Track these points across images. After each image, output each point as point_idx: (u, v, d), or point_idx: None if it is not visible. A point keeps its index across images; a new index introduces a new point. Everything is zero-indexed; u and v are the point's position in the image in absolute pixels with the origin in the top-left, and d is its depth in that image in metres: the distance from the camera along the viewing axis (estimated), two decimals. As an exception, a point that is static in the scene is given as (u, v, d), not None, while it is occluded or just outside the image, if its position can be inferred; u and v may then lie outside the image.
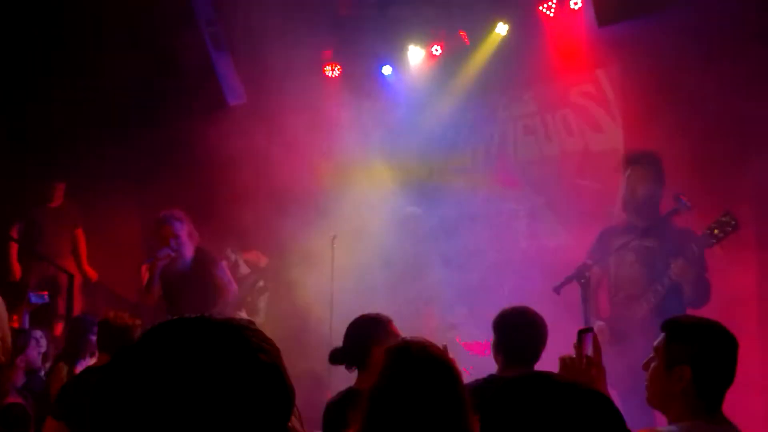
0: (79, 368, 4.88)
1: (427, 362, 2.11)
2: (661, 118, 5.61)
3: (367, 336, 3.16)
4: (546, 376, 1.40)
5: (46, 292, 6.81)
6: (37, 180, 7.55)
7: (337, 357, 3.28)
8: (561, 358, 2.54)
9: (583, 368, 2.46)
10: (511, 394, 1.37)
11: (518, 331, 3.06)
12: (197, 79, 6.70)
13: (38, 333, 5.95)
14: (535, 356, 3.05)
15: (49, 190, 7.59)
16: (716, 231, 3.96)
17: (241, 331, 1.06)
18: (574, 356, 2.48)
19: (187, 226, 5.52)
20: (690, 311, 4.19)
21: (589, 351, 2.46)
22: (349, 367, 3.26)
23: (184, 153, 7.09)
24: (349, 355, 3.23)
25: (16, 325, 6.73)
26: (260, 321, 6.92)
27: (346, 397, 3.07)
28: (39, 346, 4.99)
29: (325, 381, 5.55)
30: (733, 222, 3.94)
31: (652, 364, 2.40)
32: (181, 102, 7.14)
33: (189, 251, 5.48)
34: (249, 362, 1.03)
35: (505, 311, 3.17)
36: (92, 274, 7.67)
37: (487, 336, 5.66)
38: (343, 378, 3.58)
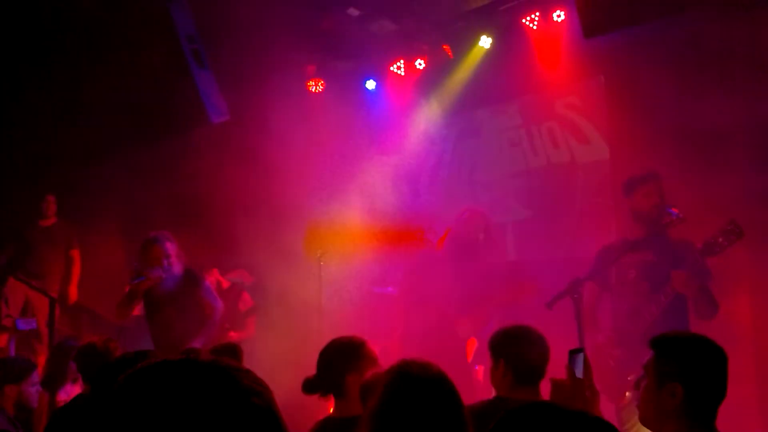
0: (61, 395, 4.77)
1: (428, 383, 2.06)
2: (646, 130, 5.61)
3: (341, 362, 3.02)
4: (552, 405, 1.34)
5: (34, 318, 6.67)
6: (27, 195, 7.40)
7: (310, 386, 3.10)
8: (552, 380, 2.48)
9: (575, 390, 2.41)
10: (518, 425, 1.31)
11: (524, 351, 2.93)
12: (179, 97, 6.64)
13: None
14: (542, 375, 2.95)
15: (40, 205, 7.43)
16: (721, 239, 3.94)
17: (230, 373, 0.99)
18: (566, 378, 2.42)
19: (176, 247, 5.46)
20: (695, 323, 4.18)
21: (581, 372, 2.41)
22: (324, 395, 3.09)
23: (168, 172, 7.02)
24: (324, 382, 3.07)
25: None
26: (249, 339, 6.83)
27: (324, 428, 2.95)
28: (37, 380, 4.79)
29: (313, 404, 5.46)
30: (738, 230, 3.93)
31: (643, 383, 2.36)
32: (163, 120, 7.07)
33: (178, 271, 5.42)
34: (242, 407, 0.96)
35: (507, 331, 3.04)
36: (74, 296, 7.51)
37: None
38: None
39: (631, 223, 4.58)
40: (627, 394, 4.19)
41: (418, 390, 2.04)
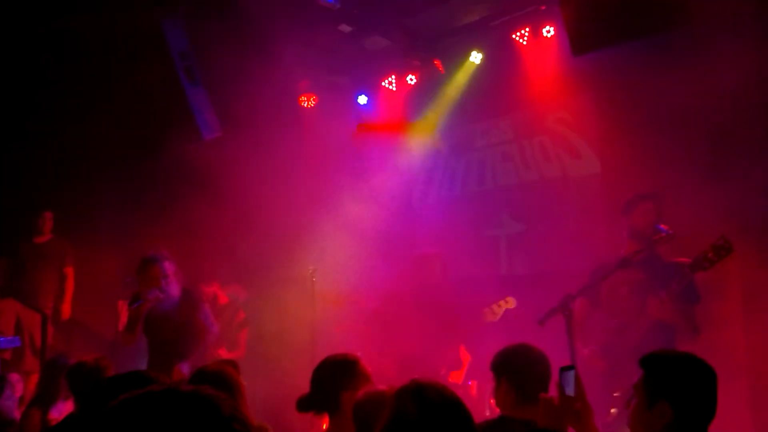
0: (53, 412, 4.75)
1: (439, 402, 2.04)
2: (637, 144, 5.66)
3: (336, 380, 2.99)
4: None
5: (17, 336, 6.63)
6: (25, 211, 7.39)
7: (305, 404, 3.07)
8: (541, 398, 2.47)
9: (564, 407, 2.42)
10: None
11: (527, 369, 2.92)
12: (172, 113, 6.65)
13: (15, 377, 5.80)
14: (545, 391, 2.95)
15: (36, 221, 7.41)
16: (710, 255, 3.97)
17: (212, 401, 1.03)
18: (556, 396, 2.42)
19: (173, 266, 5.45)
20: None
21: (572, 390, 2.41)
22: (318, 413, 3.06)
23: (160, 189, 7.03)
24: (318, 400, 3.04)
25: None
26: (241, 356, 6.82)
27: None
28: (14, 393, 4.80)
29: (306, 419, 5.45)
30: (728, 246, 3.96)
31: (633, 402, 2.36)
32: (156, 137, 7.08)
33: (175, 291, 5.41)
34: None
35: (508, 350, 3.04)
36: (66, 313, 7.48)
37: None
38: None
39: (624, 238, 4.61)
40: (612, 410, 4.20)
41: (433, 413, 2.01)
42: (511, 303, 5.56)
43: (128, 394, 1.02)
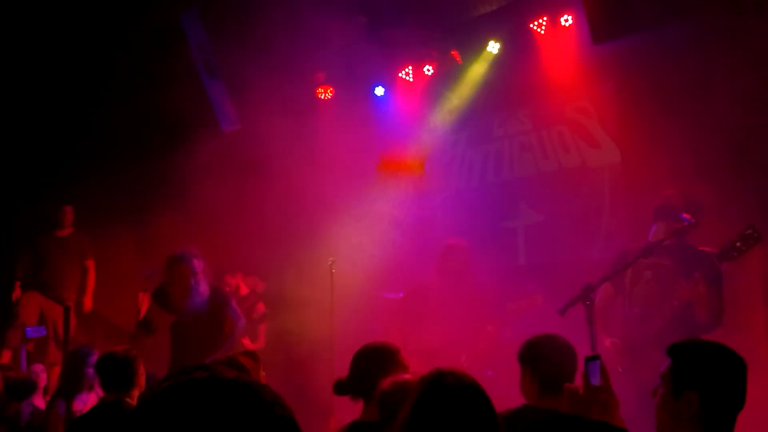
0: (77, 403, 4.80)
1: (461, 391, 2.05)
2: (657, 132, 5.61)
3: (374, 366, 3.04)
4: (576, 417, 1.35)
5: (44, 326, 6.72)
6: (45, 205, 7.47)
7: (342, 388, 3.16)
8: (566, 388, 2.46)
9: (590, 398, 2.40)
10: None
11: (551, 360, 2.95)
12: (191, 106, 6.69)
13: (39, 367, 5.87)
14: (570, 382, 2.96)
15: (57, 215, 7.50)
16: (739, 244, 3.93)
17: (253, 387, 1.07)
18: (581, 386, 2.41)
19: (203, 263, 5.48)
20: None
21: (598, 380, 2.39)
22: (354, 398, 3.14)
23: (180, 181, 7.06)
24: (355, 386, 3.11)
25: (5, 360, 6.64)
26: (261, 347, 6.87)
27: (351, 431, 2.99)
28: (38, 381, 4.86)
29: (328, 409, 5.48)
30: (756, 235, 3.91)
31: (660, 392, 2.34)
32: (175, 129, 7.12)
33: (205, 289, 5.44)
34: (268, 418, 1.04)
35: (534, 340, 3.07)
36: (89, 306, 7.57)
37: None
38: (347, 405, 3.51)
39: (645, 228, 4.57)
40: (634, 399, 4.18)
41: (453, 398, 2.02)
42: (538, 300, 5.56)
43: (171, 381, 1.05)
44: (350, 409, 3.32)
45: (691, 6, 4.95)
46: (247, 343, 6.58)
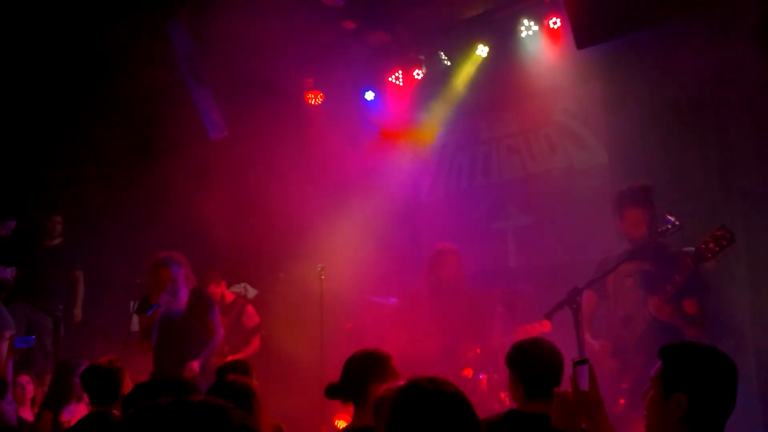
0: (65, 414, 4.78)
1: (438, 396, 2.04)
2: (644, 134, 5.63)
3: (366, 372, 3.06)
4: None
5: (33, 336, 6.68)
6: (35, 215, 7.44)
7: (333, 391, 3.19)
8: (556, 393, 2.45)
9: (579, 402, 2.40)
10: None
11: (537, 364, 2.94)
12: (178, 114, 6.67)
13: (26, 378, 5.83)
14: (556, 386, 2.96)
15: (46, 225, 7.46)
16: (711, 245, 3.93)
17: (222, 410, 1.05)
18: (569, 390, 2.40)
19: (184, 270, 5.49)
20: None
21: (586, 384, 2.39)
22: (345, 402, 3.16)
23: (168, 190, 7.04)
24: (347, 390, 3.13)
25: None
26: (249, 355, 6.83)
27: None
28: (25, 394, 4.81)
29: (317, 416, 5.47)
30: (728, 235, 3.92)
31: (650, 393, 2.33)
32: (163, 137, 7.10)
33: (184, 295, 5.45)
34: None
35: (519, 345, 3.07)
36: (78, 317, 7.52)
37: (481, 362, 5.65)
38: (336, 410, 3.50)
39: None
40: (621, 401, 4.19)
41: (429, 403, 2.01)
42: (546, 327, 5.51)
43: (137, 407, 1.04)
44: (341, 416, 3.32)
45: (673, 9, 4.97)
46: (226, 349, 6.52)
